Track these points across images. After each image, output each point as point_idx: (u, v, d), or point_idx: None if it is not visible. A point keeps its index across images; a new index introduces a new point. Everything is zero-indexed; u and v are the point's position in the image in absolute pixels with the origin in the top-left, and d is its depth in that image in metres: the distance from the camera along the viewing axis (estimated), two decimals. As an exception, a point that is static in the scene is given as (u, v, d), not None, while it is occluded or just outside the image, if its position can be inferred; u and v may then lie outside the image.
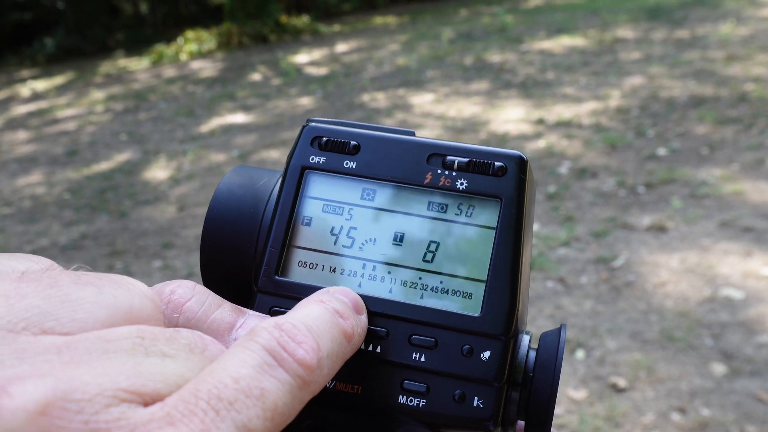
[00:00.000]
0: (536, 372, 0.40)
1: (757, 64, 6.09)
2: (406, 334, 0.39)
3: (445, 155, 0.42)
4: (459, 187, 0.41)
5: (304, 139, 0.44)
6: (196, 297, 0.36)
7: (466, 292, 0.40)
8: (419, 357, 0.39)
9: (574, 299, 3.00)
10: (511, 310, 0.39)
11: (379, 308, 0.40)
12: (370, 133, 0.43)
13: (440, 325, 0.39)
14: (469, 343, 0.39)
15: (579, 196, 4.06)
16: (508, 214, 0.40)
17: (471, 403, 0.38)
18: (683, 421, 2.26)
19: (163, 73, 11.04)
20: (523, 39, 9.22)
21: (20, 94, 10.93)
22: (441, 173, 0.42)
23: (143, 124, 7.59)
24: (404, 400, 0.39)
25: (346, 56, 10.21)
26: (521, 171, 0.41)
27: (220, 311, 0.36)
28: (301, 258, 0.42)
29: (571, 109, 5.70)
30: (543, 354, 0.40)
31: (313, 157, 0.43)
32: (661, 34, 8.11)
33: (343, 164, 0.43)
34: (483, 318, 0.39)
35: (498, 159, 0.41)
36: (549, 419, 0.39)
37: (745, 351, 2.53)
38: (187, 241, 4.23)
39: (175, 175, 5.60)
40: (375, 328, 0.40)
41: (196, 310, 0.36)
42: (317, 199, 0.43)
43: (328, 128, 0.44)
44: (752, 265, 3.03)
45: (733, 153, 4.28)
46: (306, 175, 0.43)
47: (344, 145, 0.43)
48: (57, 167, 6.34)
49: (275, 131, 6.49)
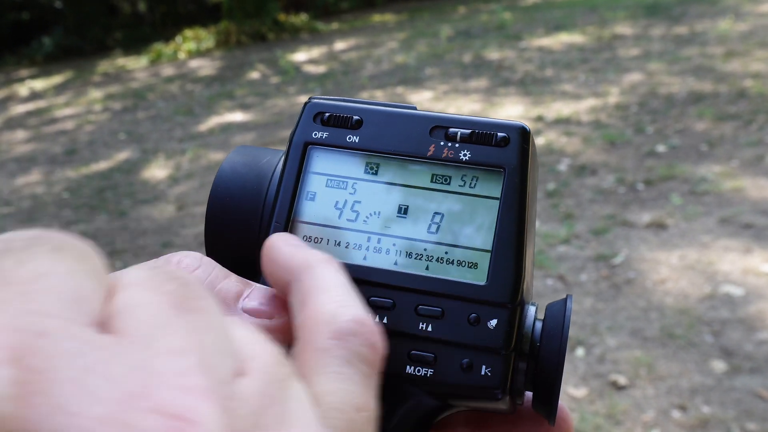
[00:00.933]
0: (543, 341, 0.40)
1: (756, 59, 6.08)
2: (413, 305, 0.39)
3: (447, 127, 0.42)
4: (462, 159, 0.41)
5: (307, 115, 0.44)
6: (203, 267, 0.36)
7: (472, 262, 0.40)
8: (426, 327, 0.39)
9: (575, 297, 3.00)
10: (517, 278, 0.39)
11: (384, 279, 0.40)
12: (372, 108, 0.43)
13: (446, 295, 0.39)
14: (475, 312, 0.38)
15: (578, 193, 4.05)
16: (512, 184, 0.40)
17: (479, 371, 0.38)
18: (684, 418, 2.26)
19: (162, 72, 11.03)
20: (522, 36, 9.21)
21: (18, 93, 10.92)
22: (444, 145, 0.42)
23: (142, 123, 7.59)
24: (412, 370, 0.39)
25: (345, 54, 10.20)
26: (524, 141, 0.41)
27: (226, 281, 0.36)
28: (306, 233, 0.42)
29: (570, 106, 5.69)
30: (549, 323, 0.40)
31: (315, 132, 0.43)
32: (659, 31, 8.10)
33: (345, 139, 0.43)
34: (489, 286, 0.39)
35: (500, 130, 0.41)
36: (557, 388, 0.39)
37: (745, 348, 2.53)
38: (187, 240, 4.23)
39: (174, 174, 5.59)
40: (381, 299, 0.40)
41: (203, 279, 0.36)
42: (321, 174, 0.43)
43: (331, 104, 0.44)
44: (752, 261, 3.03)
45: (733, 149, 4.28)
46: (309, 151, 0.43)
47: (347, 119, 0.43)
48: (56, 167, 6.34)
49: (274, 130, 6.48)
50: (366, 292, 0.39)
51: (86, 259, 0.25)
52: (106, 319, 0.23)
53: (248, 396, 0.24)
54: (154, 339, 0.22)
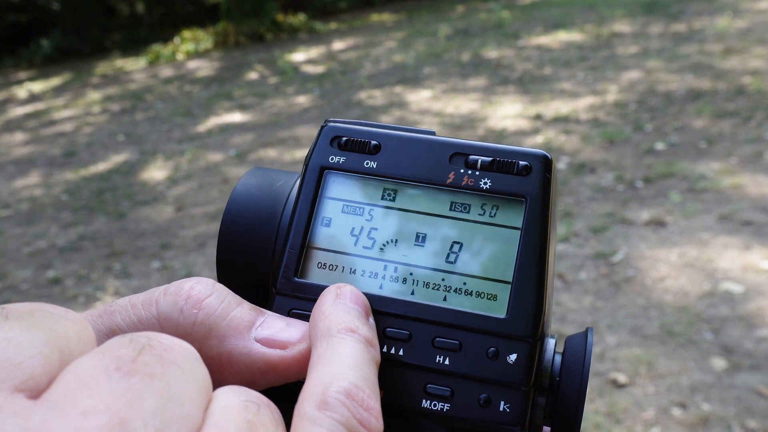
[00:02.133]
0: (563, 377, 0.39)
1: (755, 56, 6.08)
2: (430, 337, 0.38)
3: (467, 154, 0.41)
4: (482, 187, 0.40)
5: (324, 139, 0.43)
6: (216, 294, 0.36)
7: (491, 294, 0.39)
8: (443, 360, 0.38)
9: (574, 295, 2.99)
10: (538, 312, 0.38)
11: (401, 310, 0.39)
12: (391, 133, 0.43)
13: (464, 327, 0.38)
14: (494, 346, 0.38)
15: (577, 191, 4.05)
16: (534, 214, 0.39)
17: (497, 407, 0.37)
18: (684, 416, 2.26)
19: (160, 73, 11.02)
20: (520, 35, 9.21)
21: (17, 95, 10.92)
22: (464, 173, 0.41)
23: (140, 124, 7.58)
24: (428, 405, 0.38)
25: (343, 54, 10.20)
26: (546, 170, 0.40)
27: (239, 309, 0.36)
28: (320, 259, 0.41)
29: (568, 105, 5.69)
30: (570, 358, 0.39)
31: (332, 157, 0.43)
32: (657, 28, 8.10)
33: (363, 164, 0.42)
34: (509, 319, 0.38)
35: (522, 158, 0.40)
36: (578, 425, 0.38)
37: (745, 345, 2.53)
38: (186, 242, 4.22)
39: (172, 176, 5.59)
40: (397, 331, 0.39)
41: (216, 307, 0.35)
42: (337, 199, 0.42)
43: (348, 128, 0.43)
44: (752, 258, 3.02)
45: (732, 146, 4.27)
46: (325, 176, 0.42)
47: (365, 144, 0.42)
48: (54, 169, 6.33)
49: (273, 130, 6.48)
50: (381, 323, 0.39)
51: (50, 327, 0.26)
52: (46, 385, 0.24)
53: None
54: (69, 401, 0.23)
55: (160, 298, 0.35)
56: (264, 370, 0.35)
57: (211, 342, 0.35)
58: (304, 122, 6.56)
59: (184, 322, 0.35)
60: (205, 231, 4.35)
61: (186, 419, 0.25)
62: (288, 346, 0.35)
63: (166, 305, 0.35)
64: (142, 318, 0.35)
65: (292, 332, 0.36)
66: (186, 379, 0.26)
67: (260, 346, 0.35)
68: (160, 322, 0.35)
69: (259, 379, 0.35)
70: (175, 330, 0.34)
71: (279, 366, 0.35)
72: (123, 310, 0.35)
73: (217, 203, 4.76)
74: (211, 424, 0.26)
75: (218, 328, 0.35)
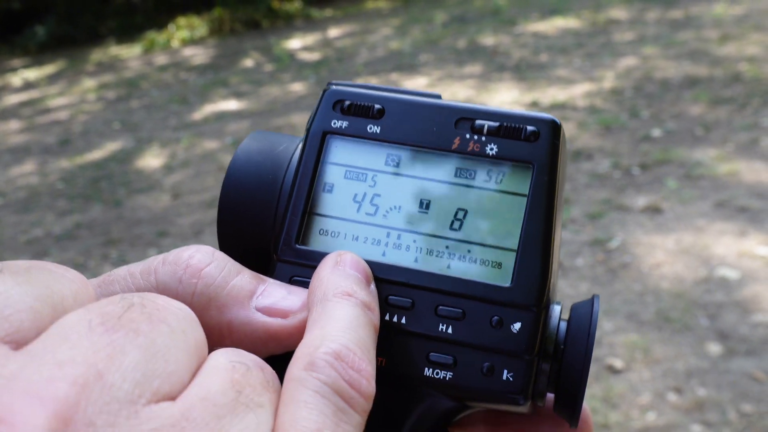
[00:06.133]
0: (568, 344, 0.38)
1: (751, 43, 6.07)
2: (433, 305, 0.38)
3: (474, 119, 0.40)
4: (489, 153, 0.39)
5: (326, 103, 0.42)
6: (216, 263, 0.35)
7: (496, 262, 0.38)
8: (446, 328, 0.38)
9: (570, 281, 3.00)
10: (544, 280, 0.37)
11: (403, 278, 0.38)
12: (396, 96, 0.42)
13: (468, 296, 0.38)
14: (498, 314, 0.37)
15: (574, 177, 4.05)
16: (541, 181, 0.38)
17: (500, 376, 0.37)
18: (679, 401, 2.27)
19: (155, 61, 10.97)
20: (517, 21, 9.18)
21: (12, 83, 10.86)
22: (470, 138, 0.40)
23: (136, 112, 7.55)
24: (430, 373, 0.37)
25: (339, 41, 10.15)
26: (555, 136, 0.39)
27: (239, 278, 0.36)
28: (322, 226, 0.40)
29: (565, 91, 5.68)
30: (575, 325, 0.39)
31: (335, 121, 0.42)
32: (654, 15, 8.08)
33: (366, 129, 0.41)
34: (514, 288, 0.37)
35: (530, 123, 0.39)
36: (581, 392, 0.37)
37: (740, 330, 2.54)
38: (182, 229, 4.22)
39: (168, 163, 5.57)
40: (399, 299, 0.38)
41: (216, 276, 0.35)
42: (339, 165, 0.41)
43: (351, 91, 0.42)
44: (747, 244, 3.04)
45: (728, 133, 4.28)
46: (327, 140, 0.42)
47: (368, 108, 0.41)
48: (50, 157, 6.31)
49: (268, 117, 6.46)
50: (384, 291, 0.38)
51: (45, 284, 0.26)
52: (34, 338, 0.24)
53: (161, 418, 0.24)
54: (48, 352, 0.24)
55: (158, 268, 0.35)
56: (265, 339, 0.35)
57: (211, 312, 0.35)
58: (300, 110, 6.54)
59: (183, 291, 0.34)
60: (201, 218, 4.34)
61: (170, 376, 0.25)
62: (289, 314, 0.35)
63: (165, 275, 0.35)
64: (140, 287, 0.35)
65: (293, 300, 0.36)
66: (175, 338, 0.27)
67: (261, 315, 0.35)
68: (159, 291, 0.34)
69: (260, 347, 0.35)
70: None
71: (280, 335, 0.35)
72: (122, 279, 0.35)
73: (214, 191, 4.75)
74: (196, 383, 0.26)
75: (218, 298, 0.35)
